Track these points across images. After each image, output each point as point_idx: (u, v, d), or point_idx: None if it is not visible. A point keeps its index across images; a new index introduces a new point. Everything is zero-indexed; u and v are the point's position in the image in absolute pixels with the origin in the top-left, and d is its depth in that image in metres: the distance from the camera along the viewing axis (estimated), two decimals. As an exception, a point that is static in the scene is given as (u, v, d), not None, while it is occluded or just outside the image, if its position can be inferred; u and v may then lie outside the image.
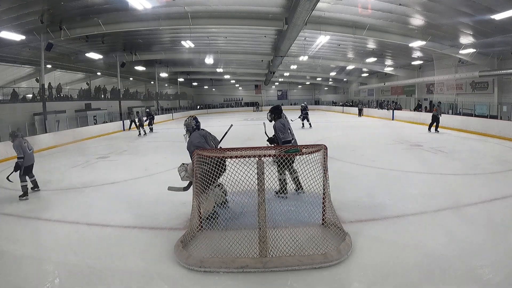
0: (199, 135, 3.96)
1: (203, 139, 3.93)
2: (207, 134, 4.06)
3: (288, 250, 2.88)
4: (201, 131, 4.07)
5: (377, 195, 4.59)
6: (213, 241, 3.12)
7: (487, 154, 7.63)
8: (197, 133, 3.99)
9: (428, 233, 3.32)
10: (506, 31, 10.54)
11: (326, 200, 3.35)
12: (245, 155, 2.98)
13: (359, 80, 29.62)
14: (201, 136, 3.94)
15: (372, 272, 2.66)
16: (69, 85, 21.96)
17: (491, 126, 10.90)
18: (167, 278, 2.68)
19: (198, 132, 4.01)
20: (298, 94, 42.00)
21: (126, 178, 6.28)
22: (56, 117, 15.09)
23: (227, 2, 10.55)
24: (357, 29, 12.24)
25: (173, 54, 19.07)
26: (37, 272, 2.82)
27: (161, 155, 8.76)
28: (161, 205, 4.44)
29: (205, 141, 3.93)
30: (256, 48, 18.23)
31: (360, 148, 8.75)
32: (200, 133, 4.01)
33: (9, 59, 15.41)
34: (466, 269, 2.64)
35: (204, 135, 4.00)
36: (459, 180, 5.44)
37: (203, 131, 4.07)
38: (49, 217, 4.21)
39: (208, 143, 3.97)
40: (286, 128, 4.64)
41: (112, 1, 9.91)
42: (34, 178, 5.52)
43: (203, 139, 3.91)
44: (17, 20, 10.09)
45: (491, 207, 4.02)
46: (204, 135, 3.99)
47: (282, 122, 4.68)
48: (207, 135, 4.04)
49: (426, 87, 21.19)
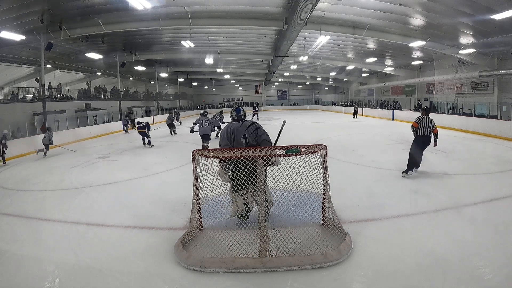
0: (227, 129, 3.58)
1: (228, 134, 3.54)
2: (240, 129, 3.52)
3: (288, 250, 2.87)
4: (232, 124, 3.61)
5: (377, 195, 4.59)
6: (213, 241, 3.12)
7: (487, 154, 7.63)
8: (227, 127, 3.59)
9: (428, 233, 3.32)
10: (506, 31, 10.54)
11: (326, 200, 3.35)
12: (245, 155, 2.98)
13: (359, 80, 29.61)
14: (229, 131, 3.55)
15: (372, 272, 2.66)
16: (69, 85, 21.95)
17: (491, 126, 10.90)
18: (167, 278, 2.68)
19: (229, 126, 3.59)
20: (298, 94, 42.02)
21: (126, 178, 6.27)
22: (56, 117, 15.08)
23: (227, 2, 10.55)
24: (357, 29, 12.24)
25: (173, 54, 19.08)
26: (37, 272, 2.82)
27: (161, 155, 8.76)
28: (161, 205, 4.43)
29: (231, 137, 3.52)
30: (256, 48, 18.23)
31: (360, 148, 8.74)
32: (230, 126, 3.58)
33: (9, 59, 15.41)
34: (466, 269, 2.64)
35: (233, 129, 3.53)
36: (459, 180, 5.44)
37: (235, 125, 3.57)
38: (49, 217, 4.21)
39: (234, 139, 3.51)
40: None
41: (112, 1, 9.91)
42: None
43: (227, 135, 3.54)
44: (17, 20, 10.10)
45: (491, 207, 4.02)
46: (233, 130, 3.53)
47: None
48: (238, 130, 3.52)
49: (426, 87, 21.18)
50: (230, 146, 3.54)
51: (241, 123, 3.60)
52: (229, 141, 3.55)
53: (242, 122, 3.61)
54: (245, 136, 3.52)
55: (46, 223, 4.04)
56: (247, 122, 3.62)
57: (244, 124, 3.58)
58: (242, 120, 3.66)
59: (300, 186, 3.07)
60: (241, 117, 3.68)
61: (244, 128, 3.54)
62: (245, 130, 3.53)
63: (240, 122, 3.63)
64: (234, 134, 3.54)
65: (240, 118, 3.67)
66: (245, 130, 3.53)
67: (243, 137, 3.51)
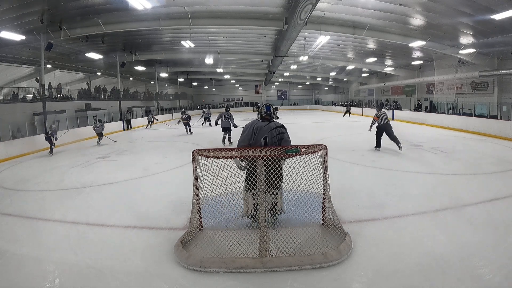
0: (251, 126, 3.46)
1: (250, 131, 3.43)
2: (264, 129, 3.41)
3: (288, 250, 2.87)
4: (257, 122, 3.49)
5: (377, 195, 4.59)
6: (213, 241, 3.12)
7: (487, 154, 7.63)
8: (252, 123, 3.47)
9: (428, 233, 3.32)
10: (506, 31, 10.54)
11: (326, 200, 3.35)
12: (245, 155, 2.98)
13: (359, 80, 29.62)
14: (252, 128, 3.43)
15: (372, 272, 2.66)
16: (69, 85, 21.95)
17: (491, 126, 10.90)
18: (167, 278, 2.68)
19: (254, 123, 3.47)
20: (298, 94, 42.05)
21: (126, 178, 6.28)
22: (56, 117, 15.07)
23: (227, 2, 10.55)
24: (357, 29, 12.24)
25: (173, 54, 19.08)
26: (37, 272, 2.82)
27: (161, 155, 8.76)
28: (161, 205, 4.43)
29: (252, 134, 3.41)
30: (256, 48, 18.23)
31: (360, 148, 8.74)
32: (255, 124, 3.46)
33: (9, 59, 15.40)
34: (466, 269, 2.64)
35: (257, 128, 3.42)
36: (459, 180, 5.44)
37: (261, 123, 3.46)
38: (49, 217, 4.20)
39: (255, 138, 3.41)
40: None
41: (112, 1, 9.91)
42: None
43: (249, 131, 3.43)
44: (17, 20, 10.09)
45: (491, 207, 4.01)
46: (256, 128, 3.42)
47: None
48: (262, 130, 3.41)
49: (426, 87, 21.18)
50: (247, 143, 3.44)
51: (267, 123, 3.47)
52: (249, 138, 3.44)
53: (268, 123, 3.48)
54: (265, 137, 3.42)
55: (46, 223, 4.04)
56: (273, 123, 3.49)
57: (269, 125, 3.46)
58: (269, 120, 3.52)
59: (300, 186, 3.07)
60: (269, 116, 3.53)
61: (268, 130, 3.43)
62: (268, 132, 3.42)
63: (266, 122, 3.49)
64: (256, 132, 3.44)
65: (268, 116, 3.53)
66: (268, 131, 3.42)
67: (264, 138, 3.42)
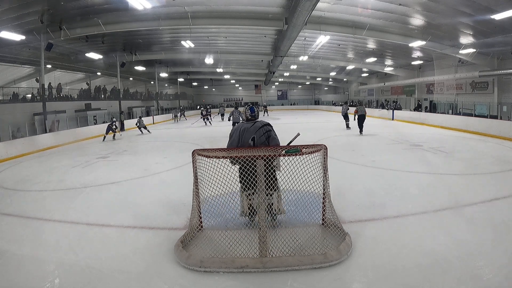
0: (237, 129, 3.48)
1: (237, 134, 3.44)
2: (250, 130, 3.42)
3: (288, 250, 2.87)
4: (243, 124, 3.51)
5: (377, 195, 4.59)
6: (213, 241, 3.12)
7: (487, 154, 7.63)
8: (238, 126, 3.49)
9: (428, 233, 3.32)
10: (506, 31, 10.54)
11: (326, 200, 3.35)
12: (245, 155, 2.98)
13: (359, 80, 29.61)
14: (239, 131, 3.45)
15: (372, 272, 2.66)
16: (69, 85, 21.94)
17: (491, 126, 10.89)
18: (167, 278, 2.68)
19: (240, 125, 3.49)
20: (298, 94, 42.03)
21: (126, 178, 6.28)
22: (56, 117, 15.08)
23: (227, 2, 10.55)
24: (357, 29, 12.24)
25: (173, 54, 19.07)
26: (37, 272, 2.82)
27: (161, 155, 8.76)
28: (161, 205, 4.43)
29: (239, 137, 3.43)
30: (256, 48, 18.22)
31: (360, 148, 8.75)
32: (241, 126, 3.48)
33: (9, 59, 15.39)
34: (466, 269, 2.64)
35: (243, 130, 3.44)
36: (459, 180, 5.44)
37: (246, 125, 3.48)
38: (49, 217, 4.20)
39: (242, 140, 3.43)
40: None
41: (112, 1, 9.90)
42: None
43: (236, 135, 3.44)
44: (17, 20, 10.09)
45: (491, 207, 4.01)
46: (243, 130, 3.43)
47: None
48: (248, 131, 3.43)
49: (426, 87, 21.18)
50: (236, 146, 3.44)
51: (252, 123, 3.48)
52: (237, 141, 3.45)
53: (253, 123, 3.49)
54: (254, 138, 3.42)
55: (46, 223, 4.04)
56: (259, 123, 3.49)
57: (255, 125, 3.45)
58: (254, 121, 3.53)
59: (300, 186, 3.07)
60: (254, 117, 3.54)
61: (255, 130, 3.42)
62: (255, 132, 3.42)
63: (251, 122, 3.50)
64: (243, 134, 3.44)
65: (253, 117, 3.54)
66: (255, 131, 3.42)
67: (252, 139, 3.42)
